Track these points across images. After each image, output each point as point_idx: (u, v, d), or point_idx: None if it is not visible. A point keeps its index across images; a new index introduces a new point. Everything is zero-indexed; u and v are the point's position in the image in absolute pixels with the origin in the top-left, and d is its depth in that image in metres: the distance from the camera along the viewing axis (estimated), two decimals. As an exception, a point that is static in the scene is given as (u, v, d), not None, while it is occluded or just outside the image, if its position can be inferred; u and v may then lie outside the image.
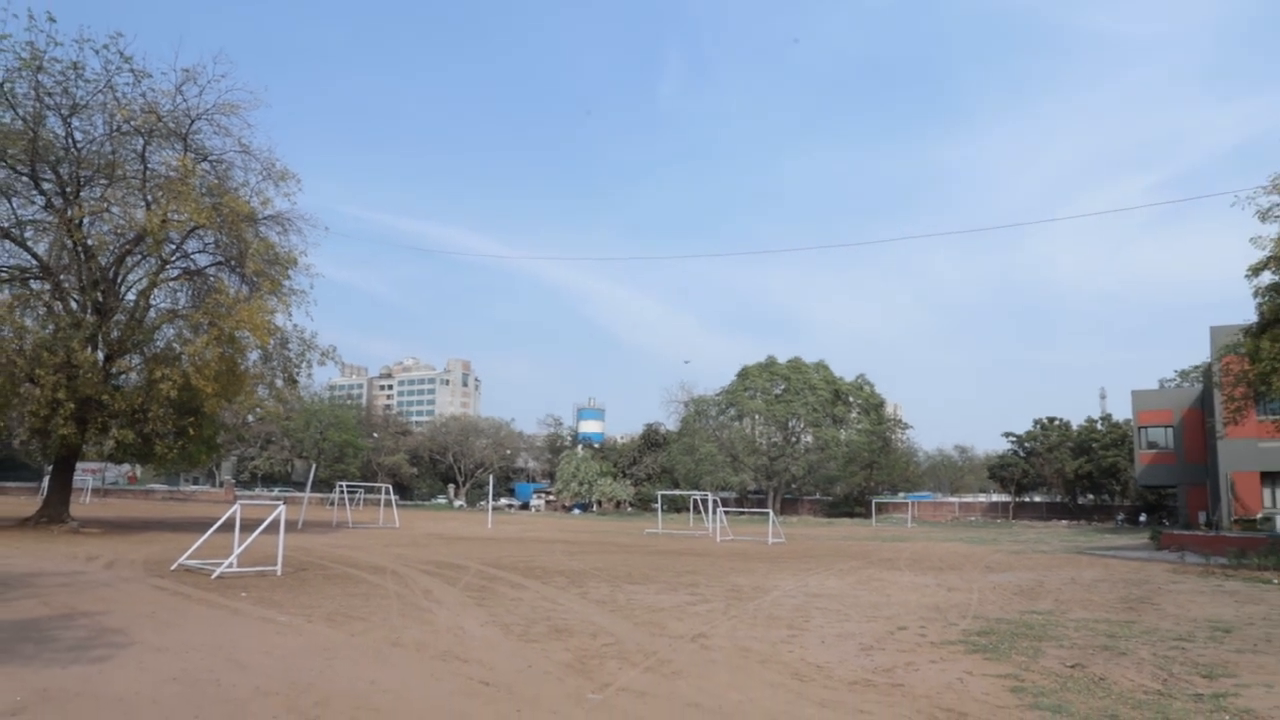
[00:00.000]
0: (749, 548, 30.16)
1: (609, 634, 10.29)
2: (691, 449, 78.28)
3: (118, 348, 28.34)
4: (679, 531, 42.83)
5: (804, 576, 18.72)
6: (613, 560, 22.38)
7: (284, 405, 37.54)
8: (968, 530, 53.55)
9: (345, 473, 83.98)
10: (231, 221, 27.68)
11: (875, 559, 24.94)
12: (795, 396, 77.98)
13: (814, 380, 79.29)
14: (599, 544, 30.52)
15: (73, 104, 26.52)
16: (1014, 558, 26.21)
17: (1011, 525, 64.10)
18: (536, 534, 37.31)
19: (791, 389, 78.83)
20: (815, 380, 79.32)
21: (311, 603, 12.47)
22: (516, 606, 12.61)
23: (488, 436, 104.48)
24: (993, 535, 45.02)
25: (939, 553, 28.48)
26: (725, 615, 12.16)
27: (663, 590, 15.33)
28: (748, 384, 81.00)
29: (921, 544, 34.49)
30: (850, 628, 11.20)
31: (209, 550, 18.39)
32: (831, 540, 37.07)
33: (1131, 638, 10.63)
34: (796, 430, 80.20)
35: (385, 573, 17.25)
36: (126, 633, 9.53)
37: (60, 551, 20.24)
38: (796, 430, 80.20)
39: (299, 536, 28.88)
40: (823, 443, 77.02)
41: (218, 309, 27.15)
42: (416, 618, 11.28)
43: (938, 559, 25.21)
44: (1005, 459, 77.29)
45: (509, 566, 19.46)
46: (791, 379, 79.56)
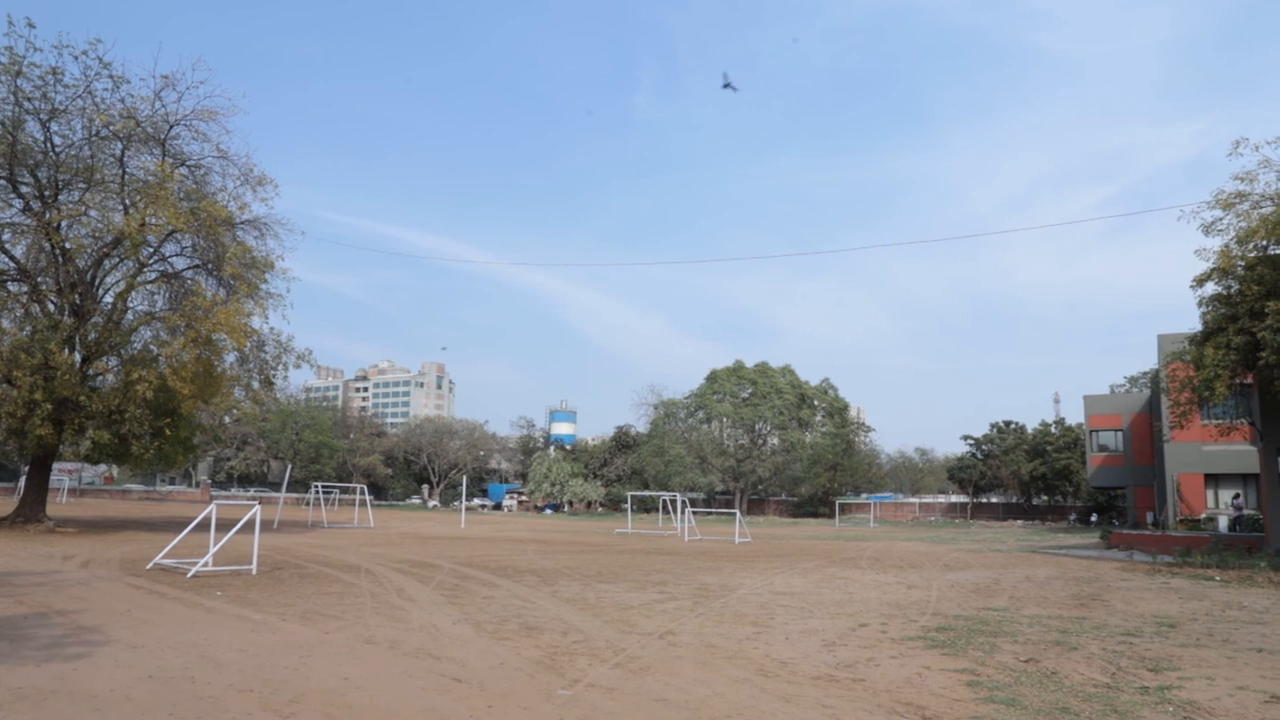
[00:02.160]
0: (716, 547, 30.20)
1: (579, 631, 10.29)
2: (661, 451, 78.33)
3: (95, 349, 27.96)
4: (648, 531, 42.82)
5: (769, 575, 18.77)
6: (583, 559, 22.33)
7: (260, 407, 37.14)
8: (928, 530, 53.98)
9: (321, 473, 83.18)
10: (209, 226, 27.39)
11: (838, 558, 25.05)
12: (762, 400, 78.32)
13: (780, 384, 79.70)
14: (570, 543, 30.43)
15: (52, 109, 26.14)
16: (971, 556, 26.46)
17: (969, 525, 64.74)
18: (509, 534, 37.15)
19: (759, 393, 79.18)
20: (782, 384, 79.73)
21: (286, 601, 12.34)
22: (489, 605, 12.56)
23: (461, 438, 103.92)
24: (951, 535, 45.43)
25: (900, 552, 28.68)
26: (693, 613, 12.18)
27: (632, 588, 15.33)
28: (716, 388, 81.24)
29: (883, 543, 34.72)
30: (814, 624, 11.25)
31: (185, 549, 18.14)
32: (796, 540, 37.22)
33: (1082, 633, 10.78)
34: (763, 433, 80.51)
35: (360, 572, 17.11)
36: (102, 631, 9.39)
37: (36, 551, 19.87)
38: (763, 433, 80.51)
39: (274, 536, 28.54)
40: (788, 445, 77.42)
41: (195, 312, 26.87)
42: (390, 616, 11.20)
43: (899, 558, 25.39)
44: (964, 461, 78.07)
45: (482, 565, 19.37)
46: (759, 383, 79.91)
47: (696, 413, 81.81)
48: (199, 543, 18.80)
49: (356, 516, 43.29)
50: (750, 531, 39.42)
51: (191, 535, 18.46)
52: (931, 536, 42.44)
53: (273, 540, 26.16)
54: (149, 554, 18.81)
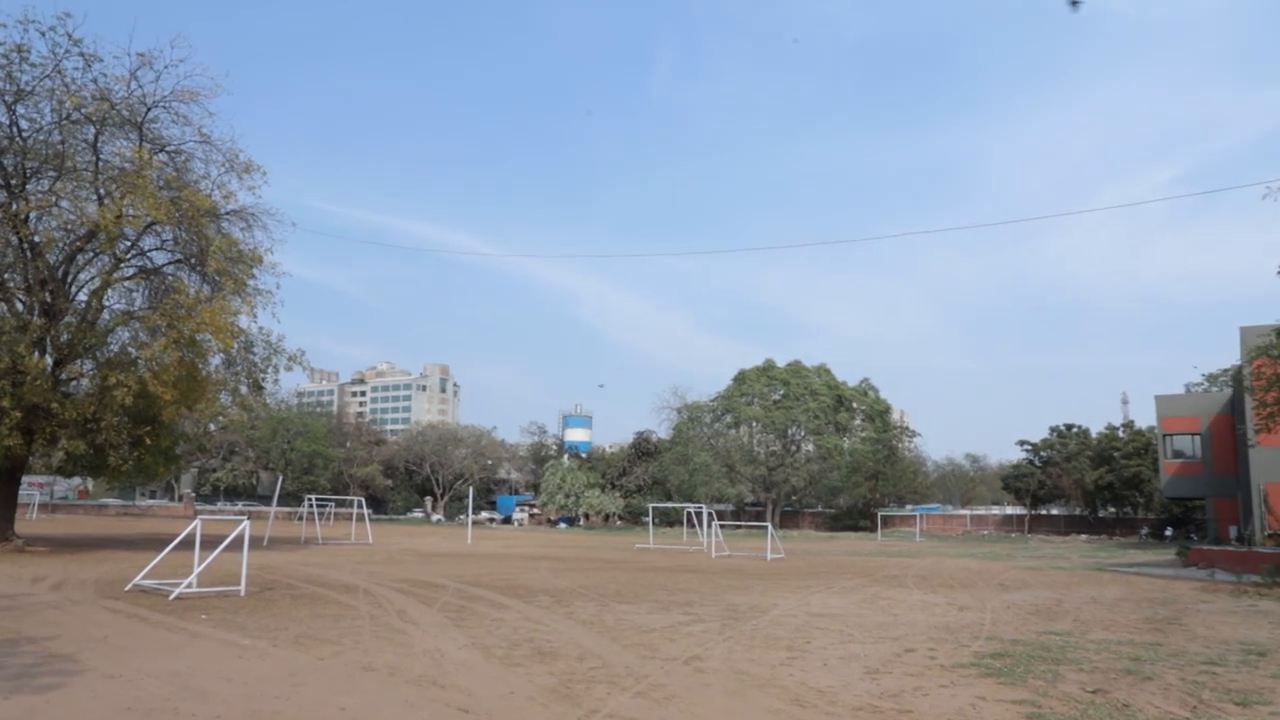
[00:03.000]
0: (746, 564, 30.13)
1: (596, 657, 10.25)
2: (685, 459, 78.27)
3: (68, 352, 28.17)
4: (672, 547, 42.76)
5: (805, 594, 18.69)
6: (601, 578, 22.32)
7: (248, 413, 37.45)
8: (980, 545, 53.62)
9: (314, 485, 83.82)
10: (191, 216, 27.59)
11: (881, 576, 24.93)
12: (795, 403, 78.09)
13: (815, 385, 79.43)
14: (586, 560, 30.45)
15: (17, 90, 26.37)
16: (1030, 574, 26.25)
17: (1027, 540, 64.25)
18: (519, 549, 37.22)
19: (791, 394, 78.95)
20: (816, 385, 79.46)
21: (277, 625, 12.40)
22: (498, 627, 12.56)
23: (467, 446, 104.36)
24: (1007, 550, 45.11)
25: (949, 569, 28.51)
26: (721, 636, 12.13)
27: (654, 610, 15.29)
28: (744, 389, 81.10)
29: (930, 560, 34.52)
30: (854, 649, 11.18)
31: (167, 569, 18.28)
32: (834, 555, 37.05)
33: (1157, 661, 10.63)
34: (797, 438, 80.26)
35: (357, 592, 17.17)
36: (76, 659, 9.45)
37: (4, 572, 20.10)
38: (797, 438, 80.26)
39: (264, 554, 28.74)
40: (824, 452, 77.12)
41: (177, 310, 27.05)
42: (390, 640, 11.22)
43: (948, 576, 25.23)
44: (1020, 469, 77.47)
45: (490, 585, 19.40)
46: (791, 384, 79.68)
47: (723, 417, 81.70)
48: (182, 562, 18.93)
49: (354, 532, 43.54)
50: (783, 547, 39.33)
51: (174, 554, 18.59)
52: (984, 552, 42.16)
53: (263, 558, 26.32)
54: (128, 574, 18.97)
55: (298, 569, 23.10)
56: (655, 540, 46.46)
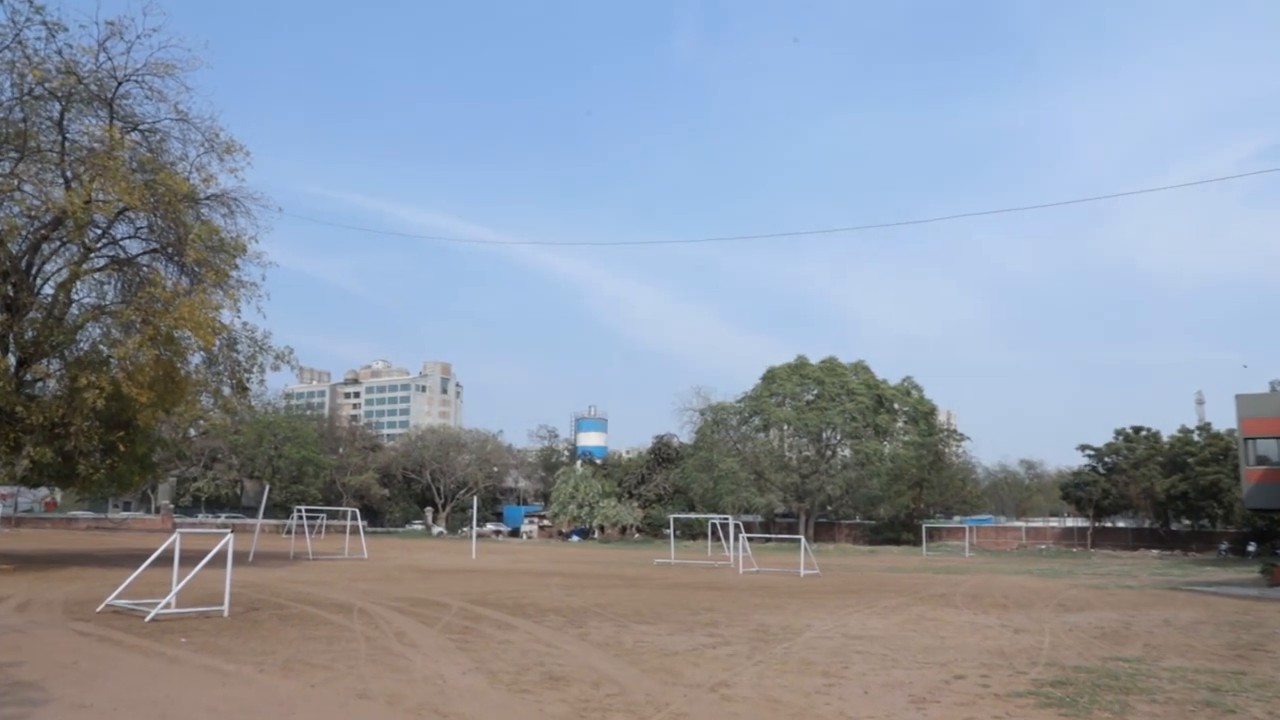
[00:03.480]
0: (777, 580, 30.13)
1: (613, 682, 10.26)
2: (709, 465, 78.20)
3: (33, 350, 28.32)
4: (695, 561, 42.75)
5: (842, 615, 18.67)
6: (617, 595, 22.36)
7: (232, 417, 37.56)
8: (1037, 560, 53.34)
9: (304, 495, 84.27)
10: (168, 202, 27.69)
11: (926, 594, 24.87)
12: (830, 403, 77.88)
13: (852, 384, 79.19)
14: (601, 576, 30.52)
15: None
16: (1094, 594, 26.09)
17: (1090, 555, 63.82)
18: (528, 565, 37.29)
19: (826, 394, 78.74)
20: (854, 384, 79.22)
21: (264, 648, 12.46)
22: (505, 650, 12.58)
23: (471, 452, 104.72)
24: (1068, 567, 44.84)
25: (1003, 587, 28.39)
26: (750, 660, 12.13)
27: (676, 631, 15.30)
28: (775, 388, 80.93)
29: (982, 576, 34.41)
30: (898, 676, 11.15)
31: (143, 588, 18.39)
32: (874, 571, 36.99)
33: (1240, 692, 10.52)
34: (832, 442, 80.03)
35: (351, 612, 17.25)
36: (43, 688, 9.51)
37: (-31, 590, 20.25)
38: (832, 442, 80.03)
39: (250, 570, 28.91)
40: (863, 457, 76.88)
41: (153, 305, 27.17)
42: (388, 665, 11.26)
43: (1001, 594, 25.12)
44: (1082, 476, 76.90)
45: (496, 603, 19.45)
46: (826, 383, 79.46)
47: (751, 419, 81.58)
48: (160, 579, 19.05)
49: (347, 546, 43.74)
50: (818, 561, 39.27)
51: (151, 570, 18.70)
52: (1042, 569, 41.94)
53: (248, 575, 26.47)
54: (100, 594, 19.09)
55: (286, 587, 23.21)
56: (677, 554, 46.42)
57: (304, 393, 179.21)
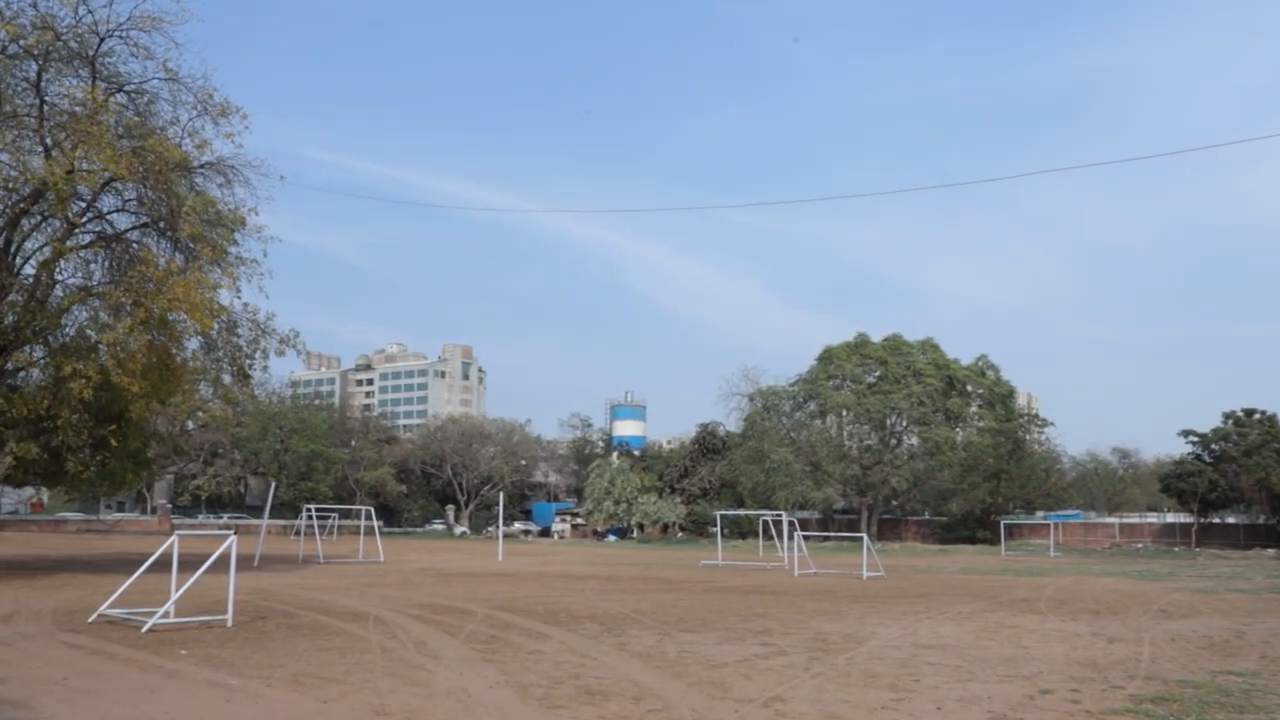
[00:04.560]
0: (837, 583, 30.08)
1: (656, 697, 10.28)
2: (759, 456, 78.06)
3: (14, 337, 28.61)
4: (745, 563, 42.76)
5: (911, 621, 18.61)
6: (659, 601, 22.42)
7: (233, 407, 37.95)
8: (1133, 561, 52.86)
9: (314, 493, 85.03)
10: (158, 171, 27.81)
11: (1006, 598, 24.74)
12: (895, 386, 77.38)
13: (920, 364, 78.60)
14: (641, 579, 30.61)
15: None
16: (1200, 598, 25.80)
17: (1195, 555, 62.99)
18: (561, 567, 37.51)
19: (890, 376, 78.24)
20: (921, 364, 78.62)
21: (272, 661, 12.59)
22: (536, 662, 12.65)
23: (496, 443, 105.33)
24: (1169, 568, 44.36)
25: (1094, 590, 28.16)
26: (808, 672, 12.11)
27: (725, 639, 15.32)
28: (832, 370, 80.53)
29: (1069, 579, 34.14)
30: (975, 690, 11.09)
31: (138, 596, 18.61)
32: (946, 573, 36.85)
33: (1368, 707, 10.32)
34: (897, 430, 79.60)
35: (367, 620, 17.41)
36: (30, 706, 9.64)
37: (-49, 599, 20.62)
38: (897, 430, 79.60)
39: (255, 576, 29.25)
40: (932, 446, 76.36)
41: (144, 285, 27.34)
42: (407, 678, 11.35)
43: (1092, 599, 24.91)
44: (1184, 466, 75.89)
45: (526, 610, 19.56)
46: (890, 363, 78.95)
47: (806, 404, 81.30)
48: (157, 586, 19.27)
49: (362, 548, 44.14)
50: (882, 562, 39.07)
51: (147, 577, 18.91)
52: (1139, 570, 41.52)
53: (254, 581, 26.79)
54: (92, 602, 19.35)
55: (295, 593, 23.48)
56: (725, 555, 46.41)
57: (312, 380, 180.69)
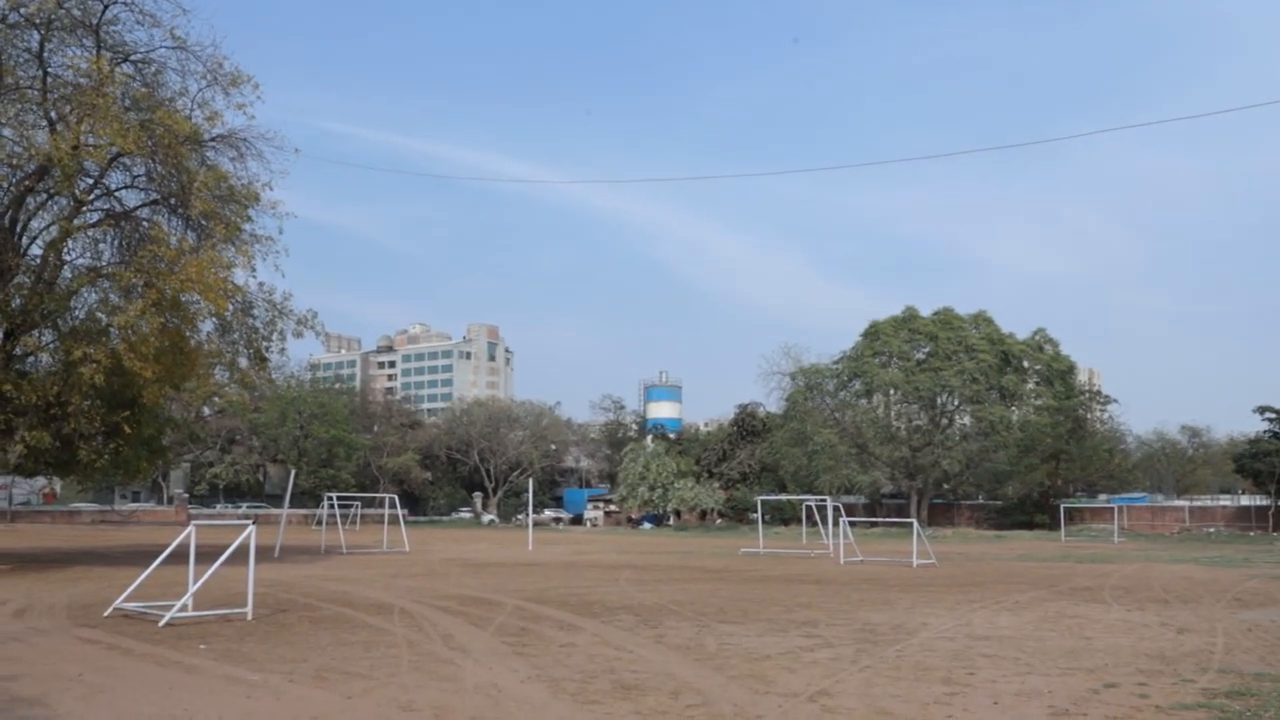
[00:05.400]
0: (885, 571, 30.06)
1: (695, 691, 10.27)
2: (802, 438, 77.99)
3: (21, 320, 28.84)
4: (787, 551, 42.78)
5: (965, 611, 18.54)
6: (698, 591, 22.44)
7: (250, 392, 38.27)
8: (1204, 546, 52.44)
9: (335, 481, 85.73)
10: (167, 144, 27.94)
11: (1067, 587, 24.61)
12: (946, 362, 76.93)
13: (972, 339, 78.10)
14: (679, 569, 30.68)
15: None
16: (1278, 586, 25.53)
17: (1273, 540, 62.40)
18: (594, 556, 37.64)
19: (941, 352, 77.78)
20: (974, 339, 78.12)
21: (294, 655, 12.69)
22: (569, 655, 12.69)
23: (525, 427, 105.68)
24: (1243, 554, 43.97)
25: (1162, 578, 27.98)
26: (855, 665, 12.08)
27: (767, 631, 15.32)
28: (878, 346, 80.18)
29: (1135, 565, 33.93)
30: (1034, 684, 11.01)
31: (155, 589, 18.81)
32: (1002, 561, 36.70)
33: None
34: (949, 409, 79.27)
35: (392, 613, 17.52)
36: (45, 703, 9.74)
37: (-40, 594, 20.88)
38: (949, 409, 79.27)
39: (275, 567, 29.49)
40: (986, 426, 75.96)
41: (155, 265, 27.47)
42: (434, 672, 11.40)
43: (1160, 587, 24.73)
44: (1260, 445, 75.08)
45: (557, 601, 19.63)
46: (940, 338, 78.47)
47: (851, 383, 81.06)
48: (174, 579, 19.49)
49: (386, 538, 44.40)
50: (934, 549, 38.92)
51: (164, 569, 19.08)
52: (1211, 556, 41.18)
53: (274, 572, 27.02)
54: (107, 596, 19.52)
55: (317, 585, 23.66)
56: (766, 543, 46.41)
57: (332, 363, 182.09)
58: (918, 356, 79.70)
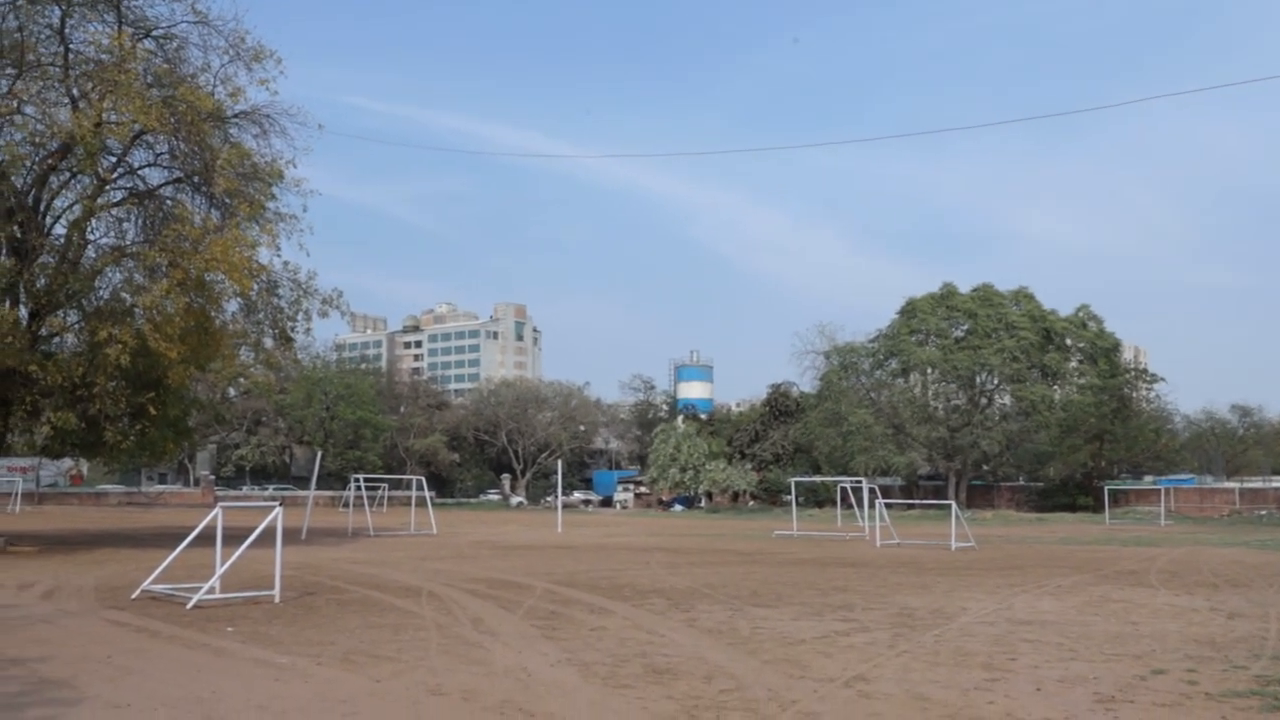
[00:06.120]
0: (923, 554, 30.04)
1: (728, 676, 10.29)
2: (836, 418, 77.85)
3: (46, 301, 29.06)
4: (822, 533, 42.81)
5: (1006, 595, 18.48)
6: (730, 574, 22.50)
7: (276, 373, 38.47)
8: (1255, 530, 52.05)
9: (362, 462, 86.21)
10: (190, 121, 28.05)
11: (1112, 570, 24.48)
12: (985, 340, 76.52)
13: (1013, 316, 77.60)
14: (711, 551, 30.78)
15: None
16: (1331, 569, 25.32)
17: (1328, 521, 61.93)
18: (624, 539, 37.81)
19: (980, 330, 77.35)
20: (1015, 316, 77.61)
21: (321, 638, 12.80)
22: (599, 639, 12.74)
23: (553, 408, 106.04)
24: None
25: (1211, 562, 27.79)
26: (893, 650, 12.06)
27: (802, 615, 15.33)
28: (915, 324, 79.81)
29: (1183, 549, 33.73)
30: (1079, 669, 10.96)
31: (182, 571, 18.99)
32: (1044, 543, 36.56)
33: None
34: (988, 388, 78.89)
35: (420, 595, 17.65)
36: (73, 685, 9.85)
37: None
38: (988, 388, 78.89)
39: (302, 549, 29.78)
40: (1027, 405, 75.55)
41: (180, 244, 27.64)
42: (464, 656, 11.47)
43: (1210, 571, 24.56)
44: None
45: (588, 585, 19.71)
46: (980, 315, 78.02)
47: (887, 362, 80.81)
48: (201, 561, 19.65)
49: (413, 520, 44.69)
50: (973, 532, 38.78)
51: (190, 551, 19.28)
52: (1263, 540, 40.88)
53: (301, 554, 27.27)
54: (134, 578, 19.76)
55: (345, 567, 23.85)
56: (799, 525, 46.39)
57: (357, 343, 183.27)
58: (956, 334, 79.32)
